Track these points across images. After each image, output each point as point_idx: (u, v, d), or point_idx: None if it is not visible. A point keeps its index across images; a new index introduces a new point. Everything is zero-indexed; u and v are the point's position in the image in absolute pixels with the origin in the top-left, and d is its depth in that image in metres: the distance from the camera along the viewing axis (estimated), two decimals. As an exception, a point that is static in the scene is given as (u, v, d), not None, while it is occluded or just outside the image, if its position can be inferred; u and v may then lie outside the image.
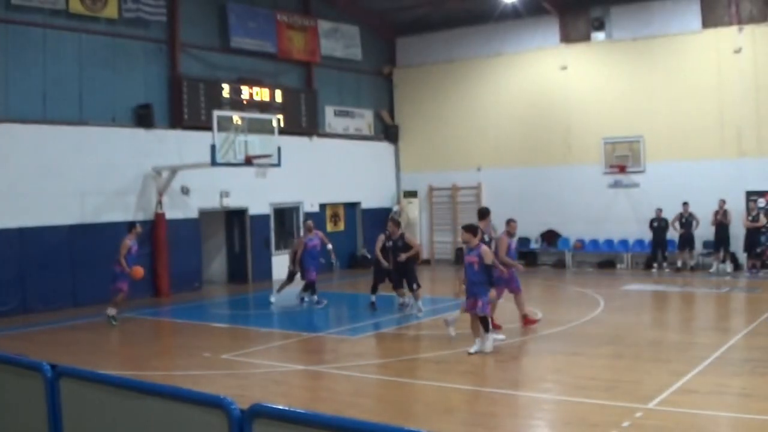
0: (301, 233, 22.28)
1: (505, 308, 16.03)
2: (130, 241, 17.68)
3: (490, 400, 10.69)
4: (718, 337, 14.60)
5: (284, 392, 11.55)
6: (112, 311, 17.78)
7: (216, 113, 21.44)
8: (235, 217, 26.19)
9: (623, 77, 27.17)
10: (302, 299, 20.47)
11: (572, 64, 28.10)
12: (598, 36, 27.68)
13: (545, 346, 14.36)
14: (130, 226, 18.33)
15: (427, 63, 31.37)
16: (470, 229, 13.49)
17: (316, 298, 20.17)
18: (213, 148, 20.54)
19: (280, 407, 4.25)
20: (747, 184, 24.78)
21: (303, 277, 20.23)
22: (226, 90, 25.07)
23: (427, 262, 30.47)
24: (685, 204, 24.89)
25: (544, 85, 28.67)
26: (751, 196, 24.72)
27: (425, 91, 31.43)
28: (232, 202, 25.23)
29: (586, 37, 27.94)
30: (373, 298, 18.95)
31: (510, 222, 15.92)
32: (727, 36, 25.22)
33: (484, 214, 15.45)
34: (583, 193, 27.51)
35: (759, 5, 24.90)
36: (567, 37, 28.34)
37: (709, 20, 25.60)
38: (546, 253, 28.57)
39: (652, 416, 9.55)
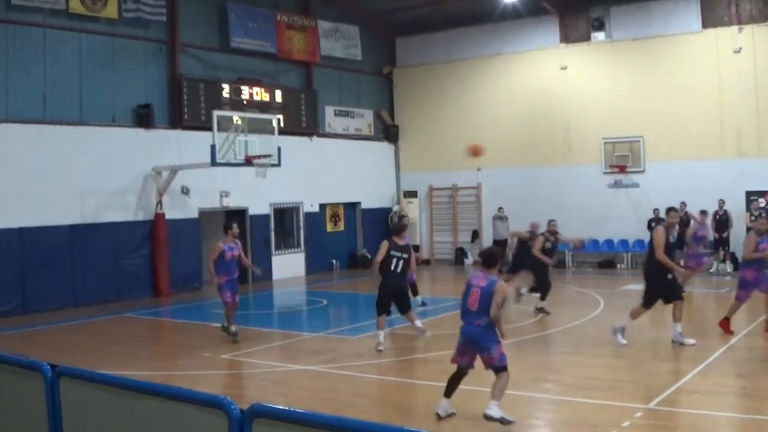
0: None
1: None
2: (224, 245, 15.21)
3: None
4: (718, 337, 14.60)
5: (284, 392, 11.54)
6: (232, 328, 15.37)
7: (216, 113, 21.45)
8: (235, 217, 26.13)
9: (623, 77, 27.20)
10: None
11: (572, 64, 28.14)
12: (598, 36, 27.72)
13: (545, 346, 14.37)
14: (226, 227, 15.69)
15: (427, 63, 31.39)
16: (488, 258, 9.68)
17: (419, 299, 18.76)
18: (213, 148, 20.54)
19: (280, 407, 4.25)
20: (747, 184, 24.80)
21: None
22: (226, 90, 25.10)
23: (427, 262, 30.51)
24: (683, 204, 24.89)
25: (544, 85, 28.70)
26: (752, 196, 24.75)
27: (425, 91, 31.44)
28: (232, 202, 25.23)
29: (586, 37, 27.98)
30: None
31: (762, 217, 15.33)
32: (726, 36, 25.25)
33: (668, 210, 14.68)
34: (583, 193, 27.53)
35: (759, 5, 24.92)
36: (567, 37, 28.36)
37: (708, 20, 25.64)
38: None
39: (652, 416, 9.56)
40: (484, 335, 9.31)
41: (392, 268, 13.88)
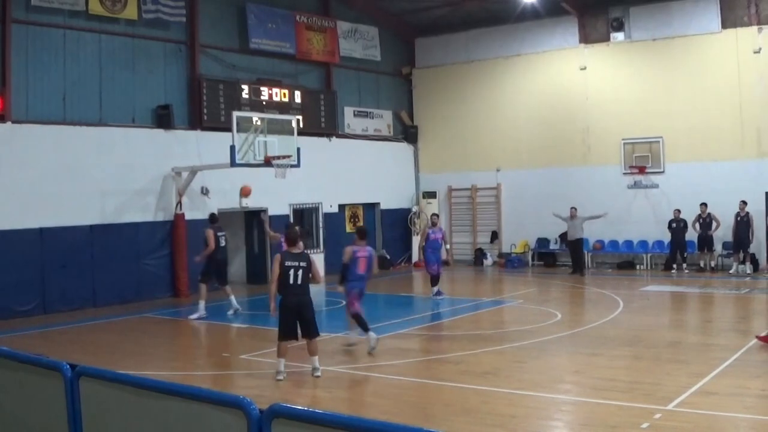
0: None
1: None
2: (429, 230, 20.74)
3: (508, 401, 10.66)
4: (738, 338, 14.50)
5: (303, 393, 11.56)
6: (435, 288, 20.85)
7: (235, 114, 21.47)
8: (254, 217, 26.19)
9: (642, 78, 27.07)
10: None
11: (591, 65, 28.03)
12: (618, 36, 27.58)
13: (564, 347, 14.32)
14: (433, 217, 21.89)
15: (446, 64, 31.35)
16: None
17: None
18: (232, 148, 20.56)
19: (299, 407, 4.25)
20: (767, 184, 24.58)
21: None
22: (245, 91, 25.16)
23: (445, 263, 30.44)
24: (703, 205, 24.79)
25: (563, 85, 28.60)
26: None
27: (444, 92, 31.40)
28: (252, 203, 25.24)
29: (606, 38, 27.85)
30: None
31: None
32: (746, 36, 25.07)
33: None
34: (602, 193, 27.40)
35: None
36: (586, 38, 28.25)
37: (728, 21, 25.46)
38: (565, 254, 28.41)
39: (671, 418, 9.50)
40: None
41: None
